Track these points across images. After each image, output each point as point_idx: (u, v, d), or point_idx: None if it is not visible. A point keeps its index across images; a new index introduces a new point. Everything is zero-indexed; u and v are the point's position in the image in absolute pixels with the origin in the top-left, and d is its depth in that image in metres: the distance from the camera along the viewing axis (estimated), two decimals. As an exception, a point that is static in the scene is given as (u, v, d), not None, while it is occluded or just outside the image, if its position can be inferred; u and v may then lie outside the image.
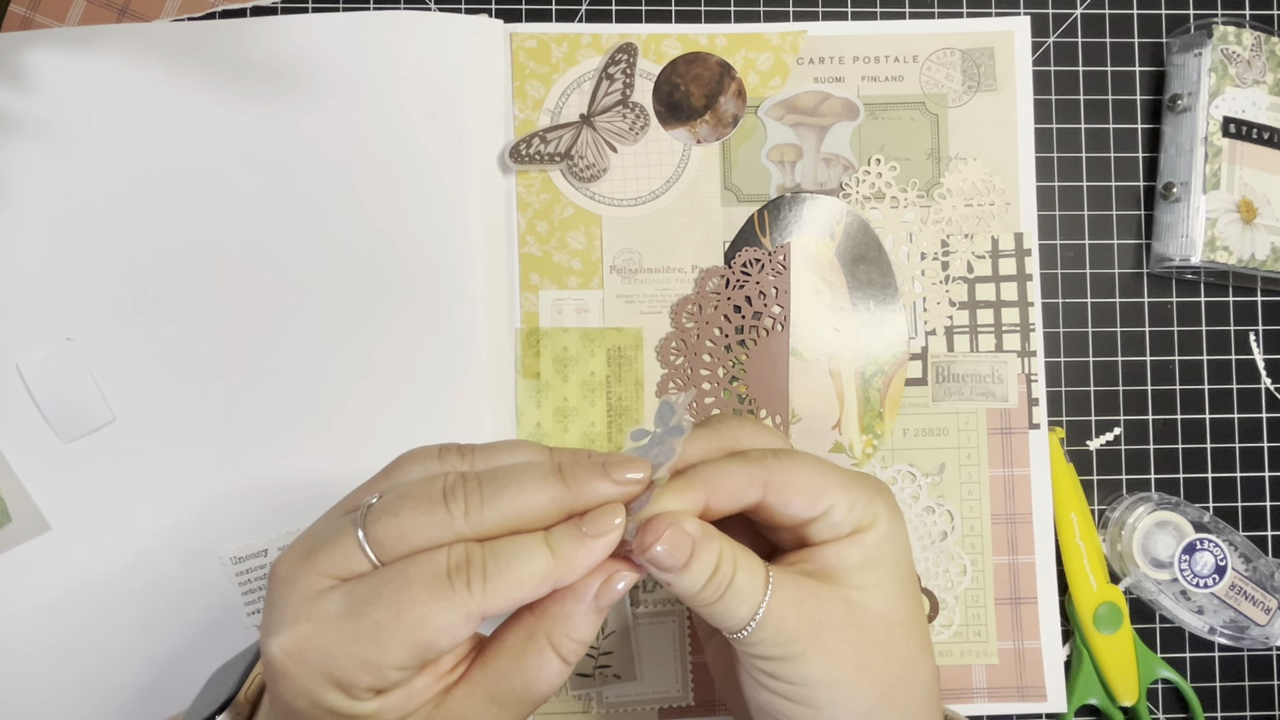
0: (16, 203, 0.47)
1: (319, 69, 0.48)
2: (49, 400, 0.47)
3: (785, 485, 0.33)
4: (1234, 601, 0.48)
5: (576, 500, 0.30)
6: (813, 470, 0.33)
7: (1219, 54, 0.49)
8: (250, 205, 0.48)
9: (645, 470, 0.30)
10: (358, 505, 0.30)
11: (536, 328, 0.49)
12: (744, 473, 0.33)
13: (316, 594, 0.29)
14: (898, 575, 0.33)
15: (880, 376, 0.50)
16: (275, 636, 0.28)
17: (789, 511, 0.33)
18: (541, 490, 0.29)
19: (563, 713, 0.48)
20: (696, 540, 0.30)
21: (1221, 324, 0.51)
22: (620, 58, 0.49)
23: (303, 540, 0.30)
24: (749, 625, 0.31)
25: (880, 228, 0.50)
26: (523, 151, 0.49)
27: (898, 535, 0.34)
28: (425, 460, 0.32)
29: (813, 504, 0.33)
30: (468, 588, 0.28)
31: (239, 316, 0.47)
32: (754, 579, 0.31)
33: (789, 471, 0.33)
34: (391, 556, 0.29)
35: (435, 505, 0.29)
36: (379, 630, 0.28)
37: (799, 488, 0.33)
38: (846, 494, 0.33)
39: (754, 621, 0.31)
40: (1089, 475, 0.51)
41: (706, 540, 0.31)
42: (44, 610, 0.46)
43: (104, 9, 0.50)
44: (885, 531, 0.33)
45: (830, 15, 0.51)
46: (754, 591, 0.31)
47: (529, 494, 0.29)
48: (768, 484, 0.33)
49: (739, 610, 0.31)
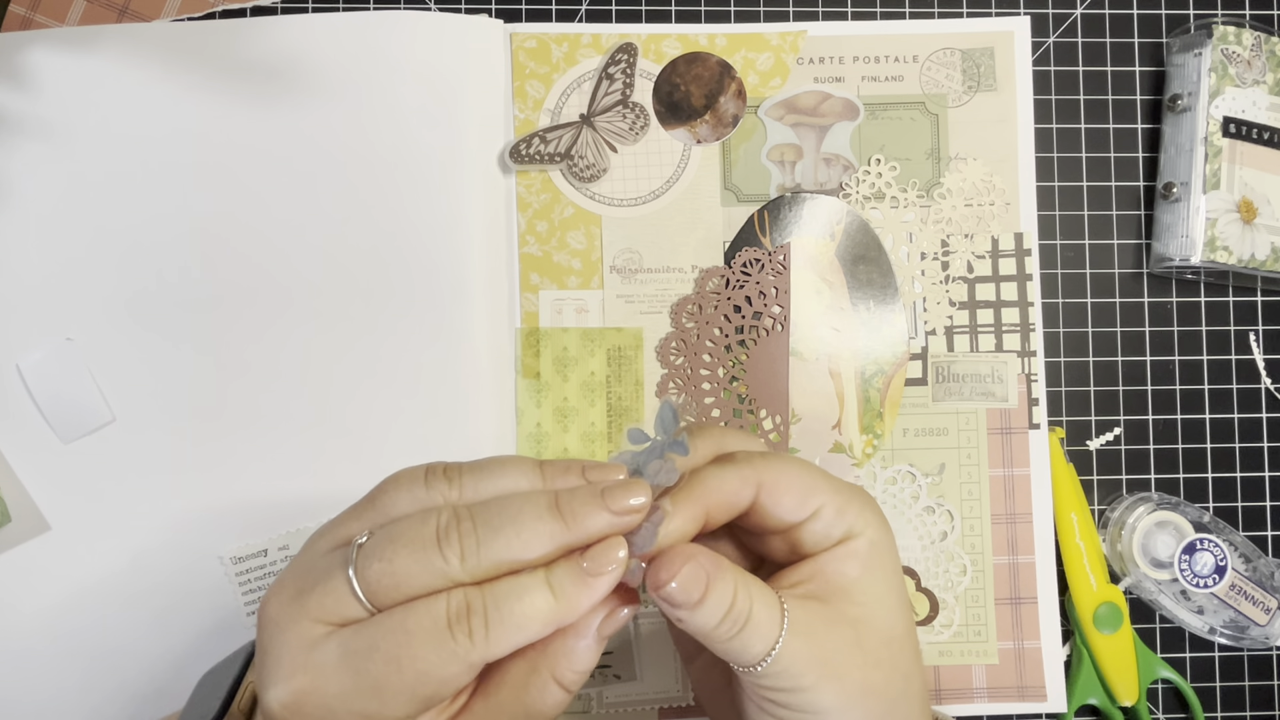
0: (16, 203, 0.47)
1: (319, 69, 0.48)
2: (49, 400, 0.47)
3: (776, 484, 0.32)
4: (1234, 601, 0.48)
5: (576, 538, 0.29)
6: (802, 470, 0.33)
7: (1219, 54, 0.49)
8: (250, 205, 0.48)
9: (645, 495, 0.29)
10: (344, 538, 0.30)
11: (536, 328, 0.49)
12: (737, 476, 0.32)
13: (312, 643, 0.28)
14: (895, 587, 0.33)
15: (880, 376, 0.50)
16: (273, 689, 0.28)
17: (779, 513, 0.32)
18: (539, 529, 0.28)
19: (562, 713, 0.48)
20: (711, 574, 0.29)
21: (1221, 324, 0.51)
22: (620, 58, 0.49)
23: (291, 578, 0.29)
24: (764, 660, 0.30)
25: (880, 228, 0.50)
26: (523, 151, 0.49)
27: (888, 544, 0.33)
28: (412, 487, 0.30)
29: (803, 503, 0.32)
30: (469, 638, 0.27)
31: (239, 317, 0.47)
32: (770, 612, 0.30)
33: (778, 471, 0.32)
34: (386, 603, 0.28)
35: (429, 550, 0.28)
36: (380, 687, 0.27)
37: (789, 487, 0.32)
38: (836, 496, 0.33)
39: (770, 656, 0.30)
40: (1089, 475, 0.51)
41: (720, 573, 0.30)
42: (44, 610, 0.46)
43: (104, 9, 0.50)
44: (876, 539, 0.33)
45: (830, 15, 0.51)
46: (770, 625, 0.30)
47: (526, 534, 0.28)
48: (760, 484, 0.32)
49: (754, 646, 0.30)
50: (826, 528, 0.33)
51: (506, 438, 0.48)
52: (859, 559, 0.32)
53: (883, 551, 0.33)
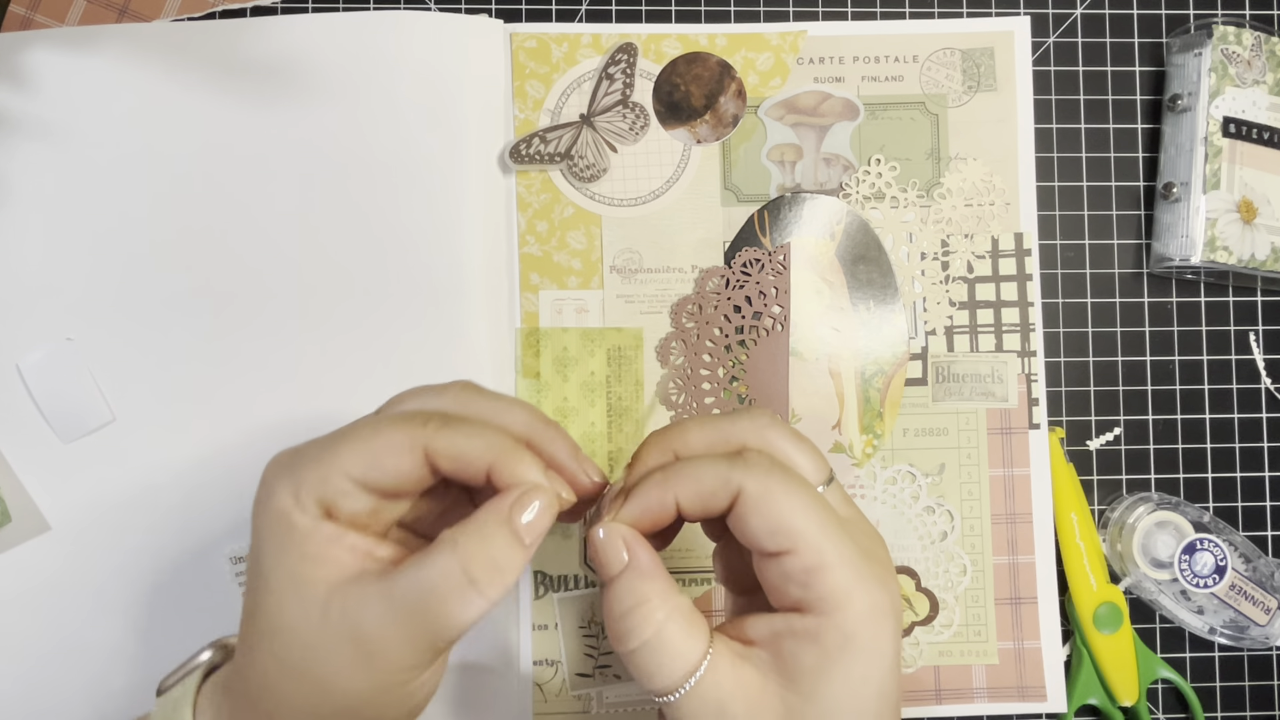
0: (16, 203, 0.47)
1: (319, 69, 0.48)
2: (49, 400, 0.47)
3: (751, 499, 0.29)
4: (1234, 601, 0.48)
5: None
6: (793, 500, 0.28)
7: (1219, 54, 0.49)
8: (251, 205, 0.48)
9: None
10: None
11: (536, 328, 0.49)
12: (717, 474, 0.29)
13: None
14: (862, 701, 0.27)
15: (880, 376, 0.50)
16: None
17: (746, 532, 0.29)
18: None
19: (563, 712, 0.48)
20: (633, 553, 0.29)
21: (1221, 324, 0.51)
22: (620, 58, 0.49)
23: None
24: (666, 696, 0.28)
25: (880, 228, 0.50)
26: (523, 151, 0.49)
27: (872, 641, 0.27)
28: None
29: (770, 535, 0.28)
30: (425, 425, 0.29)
31: (239, 316, 0.47)
32: (687, 643, 0.28)
33: (763, 487, 0.29)
34: None
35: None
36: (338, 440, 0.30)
37: (762, 509, 0.28)
38: (816, 550, 0.28)
39: (671, 695, 0.27)
40: (1089, 475, 0.51)
41: (640, 564, 0.29)
42: (44, 610, 0.46)
43: (104, 9, 0.50)
44: (854, 631, 0.27)
45: (830, 15, 0.51)
46: (679, 659, 0.28)
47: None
48: (740, 492, 0.29)
49: (656, 673, 0.28)
50: (787, 580, 0.28)
51: (506, 438, 0.48)
52: (821, 647, 0.27)
53: (860, 648, 0.27)
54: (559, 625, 0.48)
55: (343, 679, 0.28)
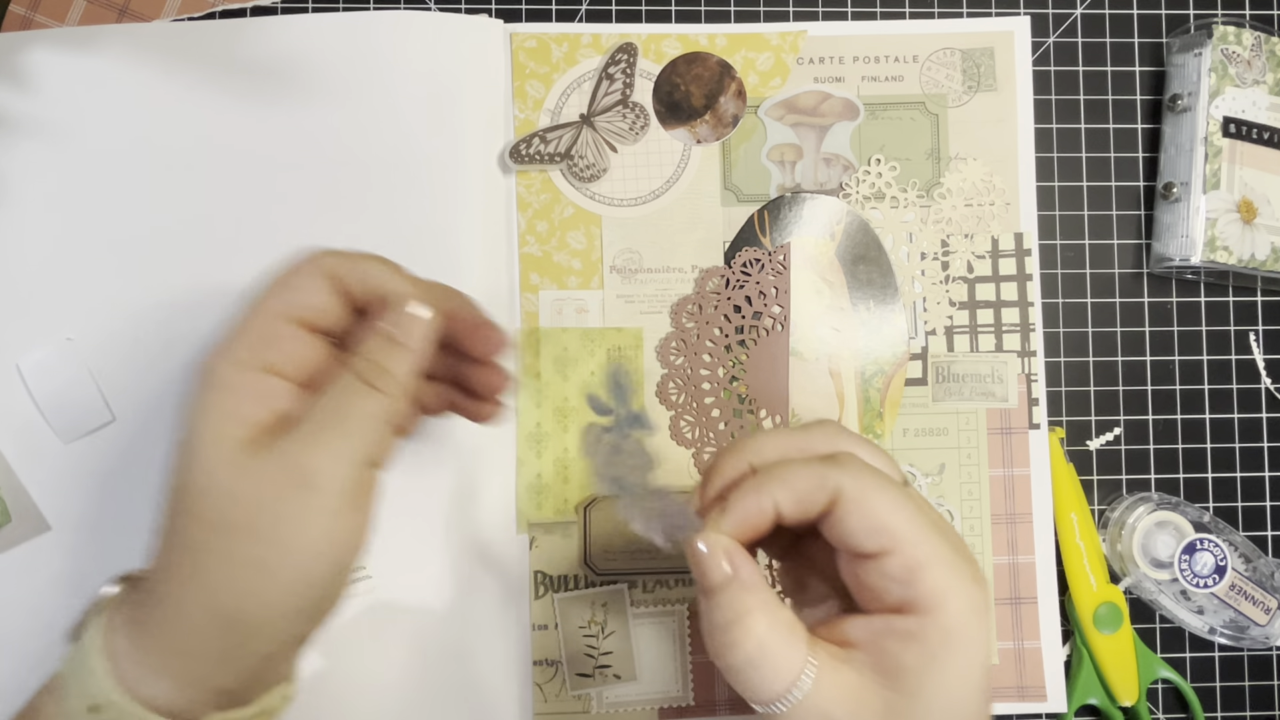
0: (16, 202, 0.47)
1: (319, 69, 0.48)
2: (49, 400, 0.47)
3: (851, 500, 0.29)
4: (1234, 601, 0.48)
5: None
6: (890, 499, 0.29)
7: (1219, 54, 0.49)
8: (250, 205, 0.48)
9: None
10: None
11: (536, 327, 0.49)
12: (814, 475, 0.30)
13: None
14: (964, 695, 0.28)
15: (880, 376, 0.50)
16: None
17: (844, 534, 0.29)
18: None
19: (563, 712, 0.48)
20: (734, 565, 0.29)
21: (1221, 324, 0.51)
22: (620, 58, 0.49)
23: None
24: (773, 705, 0.28)
25: (880, 228, 0.50)
26: (523, 151, 0.49)
27: (972, 636, 0.28)
28: None
29: (871, 535, 0.29)
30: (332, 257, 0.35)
31: (239, 316, 0.47)
32: (788, 654, 0.28)
33: (863, 488, 0.29)
34: None
35: None
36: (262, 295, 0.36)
37: (862, 509, 0.29)
38: (917, 548, 0.29)
39: (779, 703, 0.28)
40: (1089, 475, 0.51)
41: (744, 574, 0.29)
42: (44, 610, 0.46)
43: (104, 9, 0.50)
44: (955, 628, 0.28)
45: (830, 15, 0.51)
46: (782, 670, 0.28)
47: None
48: (839, 493, 0.29)
49: (760, 684, 0.28)
50: (887, 580, 0.29)
51: (506, 438, 0.48)
52: (923, 645, 0.28)
53: (960, 645, 0.28)
54: (559, 625, 0.48)
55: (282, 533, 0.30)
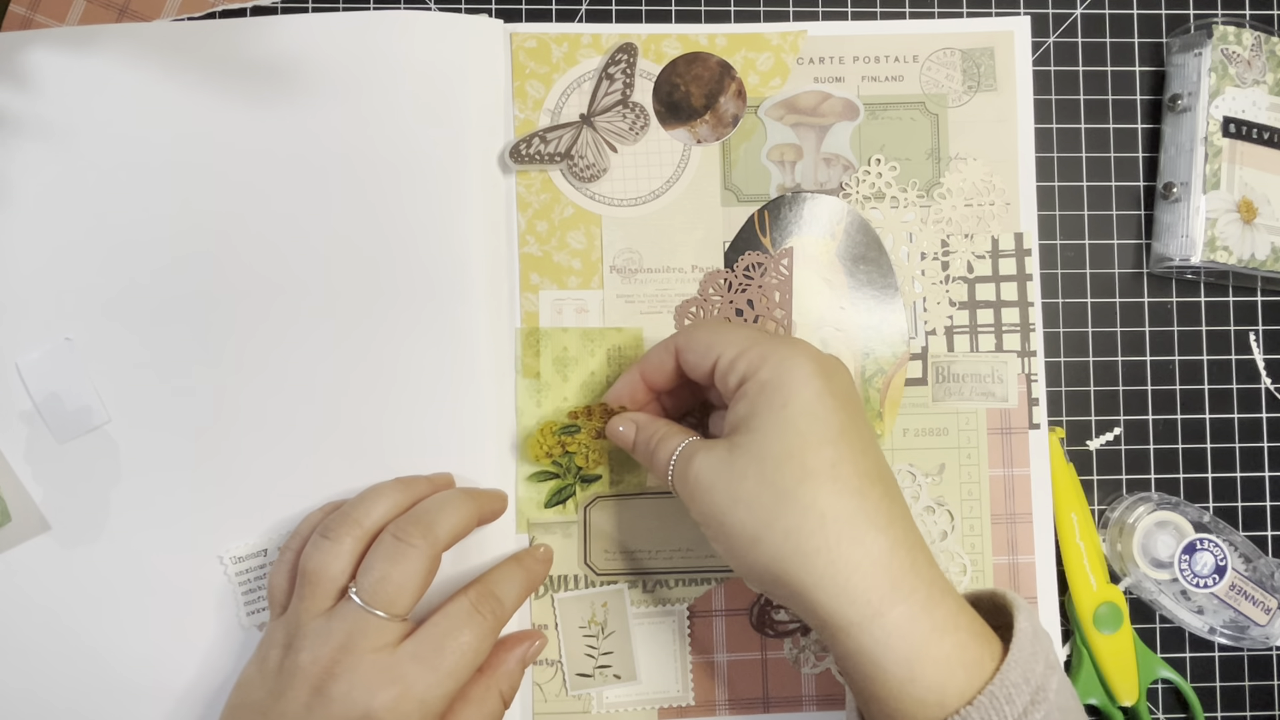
0: (16, 203, 0.47)
1: (319, 69, 0.48)
2: (47, 400, 0.47)
3: (684, 345, 0.41)
4: (1234, 601, 0.48)
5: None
6: (709, 328, 0.41)
7: (1219, 54, 0.49)
8: (250, 205, 0.48)
9: None
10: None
11: (536, 328, 0.49)
12: (661, 346, 0.43)
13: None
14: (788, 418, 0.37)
15: (880, 376, 0.50)
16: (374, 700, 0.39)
17: (692, 369, 0.41)
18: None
19: (563, 713, 0.48)
20: (625, 420, 0.44)
21: (1221, 324, 0.51)
22: (620, 58, 0.49)
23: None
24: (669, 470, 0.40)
25: (880, 228, 0.50)
26: (523, 151, 0.49)
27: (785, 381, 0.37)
28: None
29: (704, 357, 0.40)
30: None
31: (239, 317, 0.47)
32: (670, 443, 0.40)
33: (689, 334, 0.41)
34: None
35: None
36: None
37: (692, 345, 0.41)
38: (734, 346, 0.39)
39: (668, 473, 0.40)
40: (1089, 475, 0.51)
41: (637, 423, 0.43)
42: (43, 610, 0.46)
43: (104, 9, 0.50)
44: (769, 379, 0.37)
45: (830, 15, 0.51)
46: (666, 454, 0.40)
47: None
48: (676, 347, 0.42)
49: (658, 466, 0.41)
50: (724, 376, 0.39)
51: (506, 438, 0.48)
52: (745, 400, 0.38)
53: (774, 389, 0.37)
54: (559, 625, 0.48)
55: None
